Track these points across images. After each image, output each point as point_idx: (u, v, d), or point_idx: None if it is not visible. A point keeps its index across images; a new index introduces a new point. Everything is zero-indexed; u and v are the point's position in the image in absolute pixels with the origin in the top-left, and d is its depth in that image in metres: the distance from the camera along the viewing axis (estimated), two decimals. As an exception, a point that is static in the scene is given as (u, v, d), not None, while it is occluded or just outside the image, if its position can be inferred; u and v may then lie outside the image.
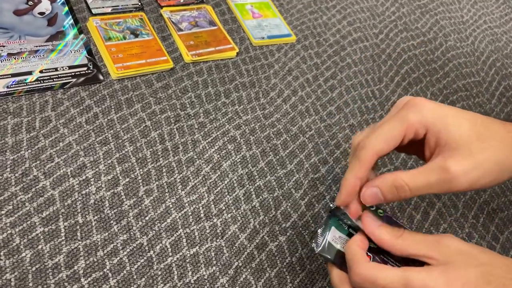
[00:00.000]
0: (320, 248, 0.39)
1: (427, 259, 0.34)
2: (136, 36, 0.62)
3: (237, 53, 0.67)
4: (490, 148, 0.35)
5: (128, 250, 0.45)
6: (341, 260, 0.38)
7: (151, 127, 0.55)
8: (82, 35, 0.60)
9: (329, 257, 0.38)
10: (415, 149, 0.39)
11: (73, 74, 0.55)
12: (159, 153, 0.53)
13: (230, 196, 0.52)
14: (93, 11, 0.63)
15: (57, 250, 0.43)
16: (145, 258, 0.45)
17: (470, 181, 0.34)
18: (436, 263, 0.34)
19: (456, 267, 0.33)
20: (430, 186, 0.35)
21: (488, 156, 0.35)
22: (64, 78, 0.54)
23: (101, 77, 0.56)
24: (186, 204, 0.50)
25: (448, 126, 0.35)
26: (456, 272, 0.32)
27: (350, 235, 0.39)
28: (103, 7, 0.64)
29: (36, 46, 0.56)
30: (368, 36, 0.81)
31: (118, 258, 0.44)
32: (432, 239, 0.35)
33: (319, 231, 0.39)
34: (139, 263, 0.44)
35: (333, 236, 0.39)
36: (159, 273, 0.45)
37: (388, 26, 0.85)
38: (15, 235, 0.43)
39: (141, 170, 0.51)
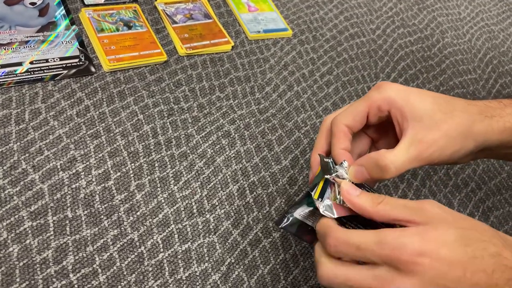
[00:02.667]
0: (285, 223, 0.38)
1: (408, 224, 0.34)
2: (130, 28, 0.61)
3: (232, 46, 0.66)
4: (453, 118, 0.38)
5: (118, 245, 0.44)
6: (303, 233, 0.38)
7: (143, 121, 0.54)
8: (74, 26, 0.58)
9: (293, 230, 0.38)
10: (390, 135, 0.42)
11: (64, 65, 0.54)
12: (152, 147, 0.52)
13: (223, 191, 0.51)
14: (86, 1, 0.62)
15: (45, 245, 0.42)
16: (135, 254, 0.44)
17: (442, 150, 0.37)
18: (415, 226, 0.33)
19: (434, 228, 0.32)
20: (410, 160, 0.37)
21: (451, 125, 0.38)
22: (55, 70, 0.53)
23: (93, 69, 0.55)
24: (179, 199, 0.49)
25: (410, 101, 0.38)
26: (433, 232, 0.32)
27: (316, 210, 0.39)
28: (96, -2, 0.63)
29: (27, 37, 0.55)
30: (365, 32, 0.80)
31: (108, 253, 0.43)
32: (414, 204, 0.35)
33: (287, 208, 0.39)
34: (129, 259, 0.44)
35: (302, 211, 0.38)
36: (150, 269, 0.44)
37: (385, 22, 0.84)
38: (2, 229, 0.42)
39: (132, 164, 0.50)
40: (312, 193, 0.38)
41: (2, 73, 0.51)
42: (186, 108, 0.57)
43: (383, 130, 0.44)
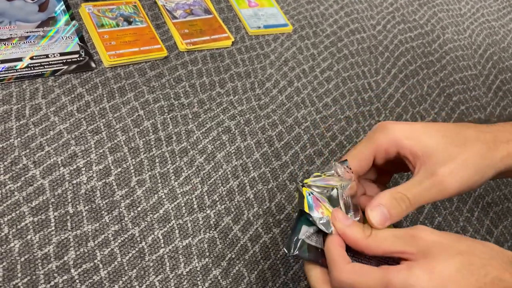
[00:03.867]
0: (294, 248, 0.36)
1: (404, 255, 0.33)
2: (130, 23, 0.61)
3: (232, 42, 0.66)
4: (468, 148, 0.36)
5: (119, 241, 0.44)
6: (317, 256, 0.36)
7: (144, 117, 0.54)
8: (74, 22, 0.58)
9: (306, 255, 0.36)
10: (402, 168, 0.40)
11: (64, 61, 0.54)
12: (152, 143, 0.52)
13: (224, 187, 0.51)
14: (86, -3, 0.61)
15: (46, 240, 0.42)
16: (136, 249, 0.44)
17: (460, 181, 0.36)
18: (414, 258, 0.33)
19: (436, 260, 0.32)
20: (426, 193, 0.36)
21: (469, 155, 0.36)
22: (55, 65, 0.53)
23: (93, 65, 0.55)
24: (179, 195, 0.49)
25: (419, 138, 0.37)
26: (437, 265, 0.31)
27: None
28: (96, -7, 0.62)
29: (27, 32, 0.55)
30: (365, 27, 0.80)
31: (109, 249, 0.43)
32: (405, 233, 0.34)
33: (290, 233, 0.37)
34: (130, 254, 0.44)
35: (305, 233, 0.37)
36: (151, 264, 0.44)
37: (386, 17, 0.84)
38: (3, 225, 0.42)
39: (133, 160, 0.50)
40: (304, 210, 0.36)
41: (2, 68, 0.51)
42: (187, 104, 0.57)
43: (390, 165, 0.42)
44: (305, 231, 0.37)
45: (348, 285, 0.33)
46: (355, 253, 0.36)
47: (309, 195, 0.37)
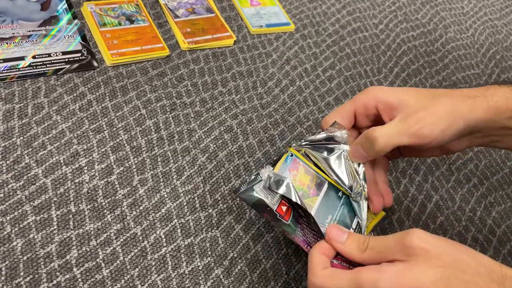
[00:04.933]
0: (243, 192, 0.39)
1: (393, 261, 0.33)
2: (132, 22, 0.61)
3: (234, 41, 0.66)
4: (438, 101, 0.40)
5: (121, 240, 0.44)
6: (261, 209, 0.39)
7: (146, 116, 0.54)
8: (76, 21, 0.58)
9: (251, 203, 0.38)
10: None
11: (66, 60, 0.54)
12: (154, 142, 0.52)
13: (226, 186, 0.51)
14: (88, -4, 0.61)
15: (49, 239, 0.42)
16: (139, 248, 0.44)
17: (430, 126, 0.39)
18: (394, 264, 0.33)
19: (414, 267, 0.31)
20: (398, 136, 0.40)
21: (437, 106, 0.40)
22: (57, 64, 0.53)
23: (95, 64, 0.55)
24: (181, 194, 0.49)
25: (395, 94, 0.41)
26: (412, 272, 0.31)
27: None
28: (98, -8, 0.62)
29: (29, 31, 0.55)
30: (367, 26, 0.80)
31: (112, 248, 0.43)
32: (397, 240, 0.34)
33: (248, 180, 0.40)
34: (132, 253, 0.44)
35: (259, 186, 0.39)
36: (153, 263, 0.44)
37: (388, 16, 0.84)
38: (6, 224, 0.42)
39: (135, 159, 0.50)
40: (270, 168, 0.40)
41: (5, 67, 0.51)
42: (189, 103, 0.57)
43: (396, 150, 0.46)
44: (261, 185, 0.39)
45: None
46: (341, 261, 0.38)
47: (291, 156, 0.42)
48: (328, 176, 0.42)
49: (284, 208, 0.39)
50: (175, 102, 0.56)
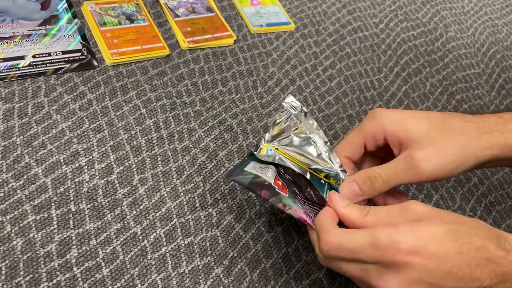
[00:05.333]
0: (235, 175, 0.38)
1: None
2: (132, 21, 0.61)
3: (234, 40, 0.66)
4: (450, 136, 0.38)
5: (121, 239, 0.44)
6: (258, 187, 0.38)
7: (146, 115, 0.54)
8: (76, 20, 0.58)
9: (245, 183, 0.38)
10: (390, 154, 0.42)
11: (66, 59, 0.54)
12: (154, 141, 0.52)
13: (225, 185, 0.51)
14: (88, -5, 0.61)
15: (49, 238, 0.42)
16: (139, 247, 0.44)
17: (435, 167, 0.37)
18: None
19: (423, 225, 0.33)
20: (399, 174, 0.38)
21: (449, 143, 0.38)
22: (57, 64, 0.53)
23: (95, 63, 0.55)
24: (181, 193, 0.49)
25: (405, 125, 0.39)
26: (423, 227, 0.33)
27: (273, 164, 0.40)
28: (98, -8, 0.62)
29: (29, 30, 0.55)
30: (368, 26, 0.80)
31: (112, 247, 0.43)
32: (398, 208, 0.35)
33: (235, 165, 0.40)
34: (132, 253, 0.44)
35: (252, 166, 0.39)
36: (153, 262, 0.44)
37: (388, 15, 0.84)
38: (6, 223, 0.42)
39: (135, 158, 0.50)
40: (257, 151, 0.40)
41: (5, 67, 0.51)
42: (189, 102, 0.57)
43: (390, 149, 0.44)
44: (252, 166, 0.39)
45: (336, 245, 0.34)
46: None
47: (270, 150, 0.41)
48: (307, 166, 0.42)
49: (279, 182, 0.39)
50: (175, 101, 0.56)
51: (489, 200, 0.64)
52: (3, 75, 0.50)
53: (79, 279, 0.41)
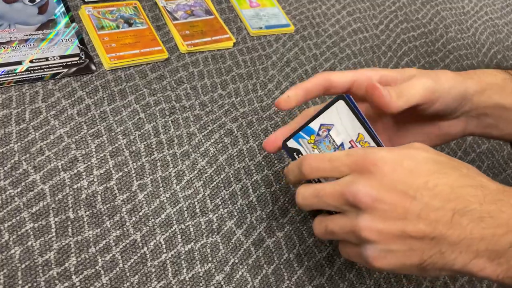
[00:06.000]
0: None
1: None
2: (130, 25, 0.60)
3: (234, 43, 0.65)
4: (439, 71, 0.41)
5: (121, 246, 0.44)
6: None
7: (145, 120, 0.53)
8: (74, 24, 0.58)
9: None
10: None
11: (64, 64, 0.53)
12: (153, 146, 0.51)
13: (226, 190, 0.51)
14: (86, -1, 0.61)
15: (47, 246, 0.42)
16: (138, 254, 0.44)
17: (438, 84, 0.40)
18: None
19: (408, 148, 0.35)
20: (408, 88, 0.40)
21: (439, 73, 0.41)
22: (55, 68, 0.53)
23: (93, 67, 0.55)
24: (181, 199, 0.48)
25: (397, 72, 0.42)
26: (405, 150, 0.34)
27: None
28: (95, -5, 0.62)
29: (26, 35, 0.54)
30: (368, 27, 0.79)
31: (111, 255, 0.43)
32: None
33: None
34: (132, 260, 0.43)
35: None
36: (153, 270, 0.43)
37: (388, 16, 0.83)
38: (3, 231, 0.41)
39: (134, 164, 0.49)
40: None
41: (2, 72, 0.50)
42: (188, 106, 0.56)
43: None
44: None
45: (317, 158, 0.37)
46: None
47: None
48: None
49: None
50: (174, 105, 0.56)
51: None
52: (0, 81, 0.49)
53: (78, 287, 0.40)
